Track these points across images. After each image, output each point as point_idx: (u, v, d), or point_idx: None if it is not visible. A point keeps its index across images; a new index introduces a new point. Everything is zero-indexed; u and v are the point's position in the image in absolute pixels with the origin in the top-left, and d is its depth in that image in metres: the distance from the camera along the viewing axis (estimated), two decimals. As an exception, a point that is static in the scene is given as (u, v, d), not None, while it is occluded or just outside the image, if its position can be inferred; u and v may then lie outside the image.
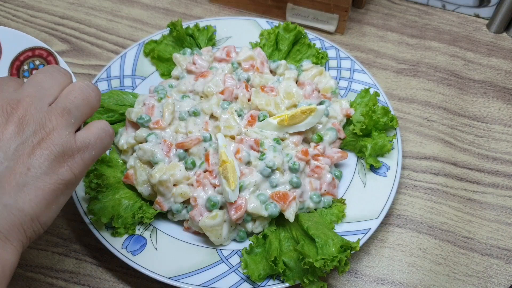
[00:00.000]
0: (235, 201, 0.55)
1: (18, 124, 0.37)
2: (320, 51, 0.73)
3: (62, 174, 0.39)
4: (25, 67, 0.54)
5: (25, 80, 0.55)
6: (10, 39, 0.52)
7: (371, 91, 0.67)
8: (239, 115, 0.63)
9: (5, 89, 0.40)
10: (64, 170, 0.39)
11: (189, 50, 0.72)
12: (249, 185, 0.56)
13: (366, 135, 0.64)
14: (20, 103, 0.38)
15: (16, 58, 0.52)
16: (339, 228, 0.58)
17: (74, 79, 0.45)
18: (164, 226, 0.59)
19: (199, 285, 0.53)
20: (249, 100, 0.64)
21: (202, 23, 0.76)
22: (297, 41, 0.74)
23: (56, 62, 0.52)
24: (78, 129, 0.42)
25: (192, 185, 0.58)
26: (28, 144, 0.37)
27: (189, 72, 0.69)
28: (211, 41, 0.75)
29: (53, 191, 0.38)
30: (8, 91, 0.40)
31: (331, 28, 0.81)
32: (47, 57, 0.53)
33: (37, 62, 0.53)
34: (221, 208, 0.57)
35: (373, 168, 0.63)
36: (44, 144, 0.38)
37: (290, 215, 0.56)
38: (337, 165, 0.64)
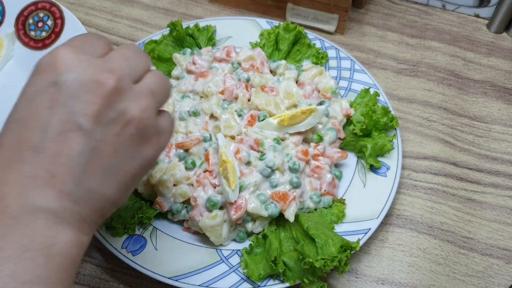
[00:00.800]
0: (235, 201, 0.55)
1: (108, 97, 0.35)
2: (320, 51, 0.73)
3: (145, 157, 0.38)
4: (30, 20, 0.54)
5: (43, 33, 0.54)
6: None
7: (371, 91, 0.67)
8: (239, 115, 0.63)
9: (94, 52, 0.37)
10: (147, 153, 0.38)
11: (189, 50, 0.72)
12: (249, 185, 0.56)
13: (366, 135, 0.64)
14: (113, 73, 0.35)
15: (20, 13, 0.52)
16: (339, 228, 0.58)
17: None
18: (164, 226, 0.59)
19: (199, 285, 0.53)
20: (249, 100, 0.64)
21: (202, 23, 0.76)
22: (297, 41, 0.74)
23: (60, 12, 0.52)
24: None
25: (192, 185, 0.58)
26: (118, 122, 0.35)
27: (189, 72, 0.69)
28: (211, 41, 0.75)
29: (135, 175, 0.37)
30: (97, 56, 0.37)
31: (331, 28, 0.81)
32: (51, 8, 0.52)
33: (41, 15, 0.52)
34: (221, 208, 0.57)
35: (373, 168, 0.63)
36: (132, 123, 0.36)
37: (290, 215, 0.56)
38: (337, 165, 0.64)
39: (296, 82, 0.68)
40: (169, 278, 0.53)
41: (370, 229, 0.57)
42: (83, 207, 0.35)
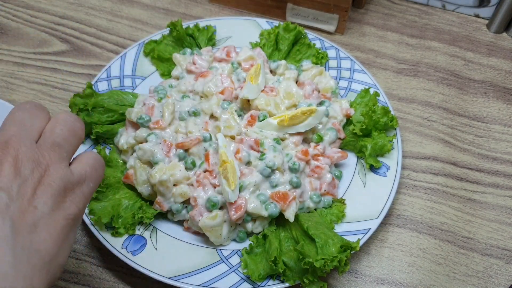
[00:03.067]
0: (235, 201, 0.55)
1: (13, 165, 0.35)
2: (320, 51, 0.73)
3: (68, 209, 0.37)
4: None
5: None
6: (5, 114, 0.50)
7: (371, 91, 0.67)
8: (239, 115, 0.63)
9: None
10: (68, 205, 0.37)
11: (189, 50, 0.72)
12: (249, 185, 0.56)
13: (366, 135, 0.64)
14: (9, 144, 0.36)
15: None
16: (339, 228, 0.58)
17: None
18: (164, 226, 0.59)
19: (199, 285, 0.53)
20: (249, 100, 0.64)
21: (202, 23, 0.76)
22: (297, 41, 0.74)
23: None
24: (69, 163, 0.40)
25: (192, 185, 0.58)
26: (29, 183, 0.36)
27: (189, 72, 0.69)
28: (211, 41, 0.75)
29: (63, 227, 0.37)
30: None
31: (331, 28, 0.81)
32: None
33: None
34: (221, 208, 0.57)
35: (373, 168, 0.63)
36: (44, 181, 0.36)
37: (290, 215, 0.56)
38: (337, 165, 0.64)
39: (296, 82, 0.68)
40: (169, 278, 0.53)
41: (370, 229, 0.57)
42: (26, 269, 0.34)
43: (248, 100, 0.63)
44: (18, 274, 0.33)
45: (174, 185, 0.57)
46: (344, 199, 0.60)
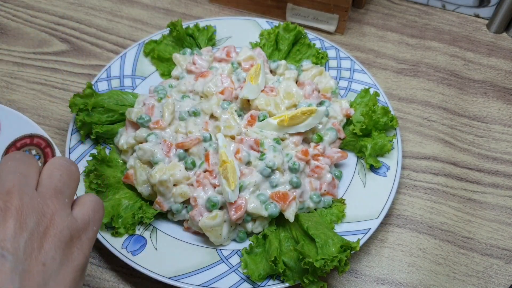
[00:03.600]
0: (235, 201, 0.55)
1: (18, 218, 0.34)
2: (320, 51, 0.73)
3: (76, 260, 0.36)
4: None
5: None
6: (11, 121, 0.49)
7: (371, 91, 0.67)
8: (239, 115, 0.63)
9: None
10: (76, 255, 0.37)
11: (189, 50, 0.72)
12: (249, 185, 0.56)
13: (366, 135, 0.64)
14: (11, 194, 0.35)
15: (13, 143, 0.48)
16: (339, 228, 0.58)
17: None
18: (164, 226, 0.59)
19: (199, 285, 0.53)
20: (249, 100, 0.64)
21: (202, 23, 0.76)
22: (297, 41, 0.74)
23: (53, 155, 0.48)
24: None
25: (192, 185, 0.58)
26: (35, 237, 0.34)
27: (189, 72, 0.69)
28: (211, 41, 0.75)
29: (73, 280, 0.36)
30: None
31: (331, 28, 0.81)
32: (45, 148, 0.49)
33: (33, 152, 0.49)
34: (221, 208, 0.57)
35: (373, 168, 0.63)
36: (51, 232, 0.35)
37: (290, 215, 0.56)
38: (337, 165, 0.64)
39: (296, 82, 0.68)
40: (169, 278, 0.53)
41: (370, 229, 0.57)
42: None
43: (248, 100, 0.63)
44: None
45: (174, 185, 0.57)
46: (344, 199, 0.60)
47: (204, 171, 0.58)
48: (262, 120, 0.61)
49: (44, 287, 0.34)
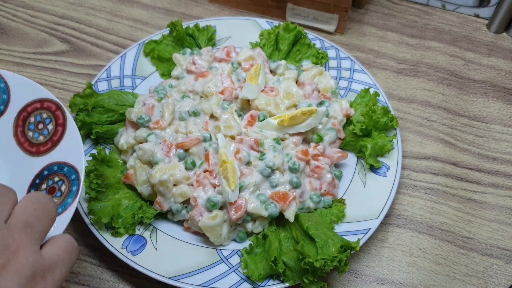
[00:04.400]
0: (235, 201, 0.55)
1: None
2: (320, 51, 0.73)
3: None
4: (32, 119, 0.50)
5: (41, 137, 0.49)
6: (20, 87, 0.49)
7: (371, 91, 0.67)
8: (239, 115, 0.63)
9: None
10: None
11: (189, 50, 0.72)
12: (249, 185, 0.56)
13: (366, 135, 0.64)
14: None
15: (24, 108, 0.49)
16: (339, 228, 0.58)
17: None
18: (164, 226, 0.59)
19: (199, 285, 0.53)
20: (249, 100, 0.64)
21: (202, 23, 0.76)
22: (297, 41, 0.74)
23: (64, 118, 0.48)
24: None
25: (192, 185, 0.58)
26: None
27: (189, 72, 0.69)
28: (211, 41, 0.75)
29: None
30: None
31: (331, 28, 0.81)
32: (55, 111, 0.49)
33: (44, 115, 0.49)
34: (221, 208, 0.57)
35: (373, 168, 0.63)
36: (11, 267, 0.33)
37: (290, 215, 0.56)
38: (337, 165, 0.64)
39: (296, 82, 0.68)
40: (169, 278, 0.53)
41: (370, 229, 0.57)
42: None
43: (248, 100, 0.63)
44: None
45: (174, 185, 0.57)
46: (344, 199, 0.60)
47: (204, 171, 0.58)
48: (262, 120, 0.61)
49: None
